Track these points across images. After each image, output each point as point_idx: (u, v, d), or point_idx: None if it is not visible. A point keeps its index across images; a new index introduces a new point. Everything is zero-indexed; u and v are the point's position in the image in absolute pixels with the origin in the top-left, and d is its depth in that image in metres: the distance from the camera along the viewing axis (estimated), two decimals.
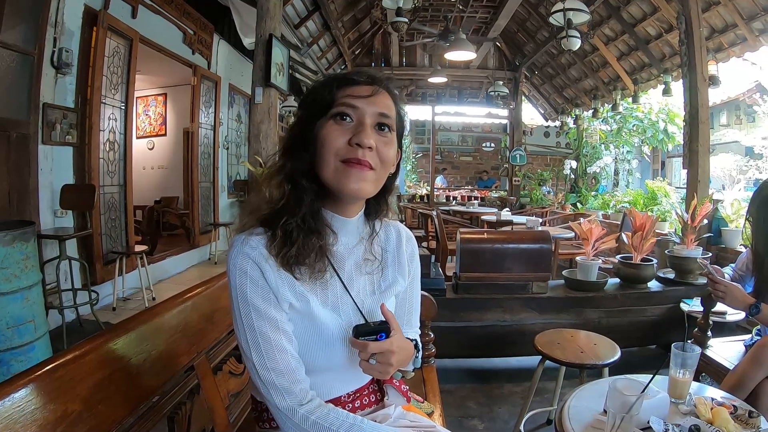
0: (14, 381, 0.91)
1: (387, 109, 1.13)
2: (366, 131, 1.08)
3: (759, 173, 9.92)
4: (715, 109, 11.10)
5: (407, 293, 1.35)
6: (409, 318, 1.37)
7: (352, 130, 1.08)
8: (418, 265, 1.38)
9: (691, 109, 4.99)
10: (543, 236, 3.64)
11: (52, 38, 4.33)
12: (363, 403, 1.25)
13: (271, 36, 4.42)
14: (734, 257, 3.51)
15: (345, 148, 1.07)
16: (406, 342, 1.19)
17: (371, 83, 1.13)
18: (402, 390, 1.32)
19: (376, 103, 1.11)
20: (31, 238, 3.14)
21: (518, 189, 11.64)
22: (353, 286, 1.19)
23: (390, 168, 1.16)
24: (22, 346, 3.01)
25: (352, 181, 1.08)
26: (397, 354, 1.09)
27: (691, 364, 1.67)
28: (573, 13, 5.19)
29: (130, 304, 5.20)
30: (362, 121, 1.09)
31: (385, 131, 1.12)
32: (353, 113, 1.09)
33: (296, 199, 1.11)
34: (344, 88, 1.11)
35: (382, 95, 1.13)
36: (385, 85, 1.16)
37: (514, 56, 11.26)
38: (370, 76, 1.16)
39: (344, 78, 1.14)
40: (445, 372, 3.28)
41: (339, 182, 1.08)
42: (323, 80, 1.17)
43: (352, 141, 1.07)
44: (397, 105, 1.18)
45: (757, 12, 5.48)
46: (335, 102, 1.10)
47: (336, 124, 1.09)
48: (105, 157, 5.26)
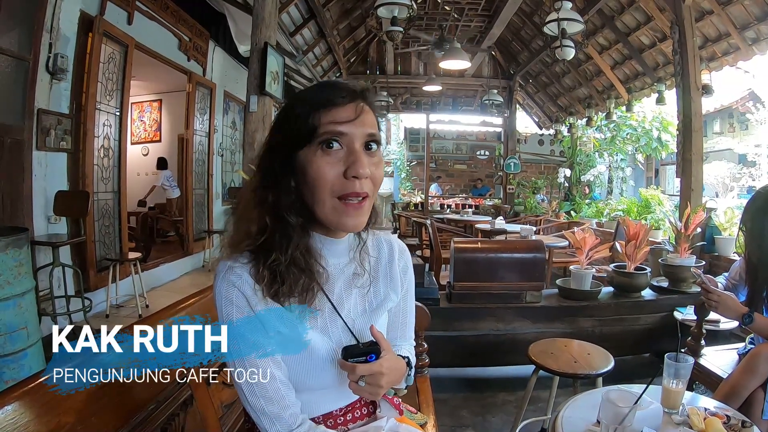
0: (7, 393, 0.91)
1: (373, 126, 1.07)
2: (360, 160, 1.01)
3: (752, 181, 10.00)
4: (708, 116, 11.18)
5: (400, 306, 1.32)
6: (403, 331, 1.35)
7: (343, 159, 1.02)
8: (412, 278, 1.35)
9: (685, 118, 5.02)
10: (537, 245, 3.65)
11: (48, 44, 4.31)
12: (355, 416, 1.24)
13: (266, 44, 4.43)
14: (727, 266, 3.52)
15: (340, 182, 1.02)
16: (397, 361, 1.17)
17: (351, 100, 1.05)
18: (394, 402, 1.30)
19: (363, 123, 1.05)
20: (25, 244, 3.12)
21: (512, 197, 11.66)
22: (343, 306, 1.16)
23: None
24: (15, 353, 2.98)
25: (351, 219, 1.04)
26: (387, 375, 1.07)
27: (684, 375, 1.67)
28: (567, 23, 5.22)
29: (123, 312, 5.16)
30: (353, 148, 1.03)
31: (374, 150, 1.07)
32: (341, 139, 1.03)
33: (282, 235, 1.06)
34: (326, 110, 1.03)
35: (367, 113, 1.06)
36: (366, 97, 1.09)
37: (509, 65, 11.30)
38: (350, 92, 1.07)
39: (323, 99, 1.05)
40: (439, 381, 3.28)
41: (337, 221, 1.05)
42: (299, 102, 1.09)
43: (348, 174, 1.01)
44: (376, 113, 1.11)
45: (750, 21, 5.52)
46: (319, 129, 1.02)
47: (325, 155, 1.02)
48: (99, 163, 5.24)
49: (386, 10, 5.13)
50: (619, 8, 7.28)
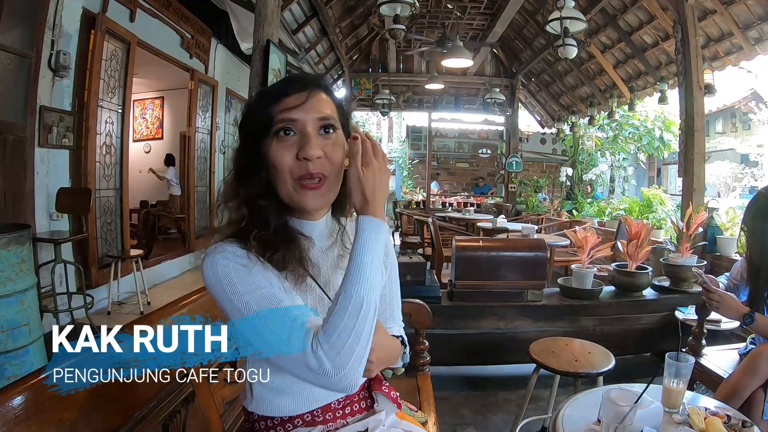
0: (10, 389, 0.91)
1: (326, 109, 1.12)
2: (310, 142, 1.08)
3: (754, 181, 9.98)
4: (710, 116, 11.15)
5: (386, 288, 1.34)
6: (392, 312, 1.36)
7: (297, 143, 1.09)
8: (394, 261, 1.38)
9: (687, 117, 5.01)
10: (538, 244, 3.66)
11: (50, 41, 4.32)
12: (353, 409, 1.25)
13: (268, 42, 4.42)
14: (729, 265, 3.51)
15: (295, 164, 1.08)
16: (389, 339, 1.22)
17: (303, 88, 1.12)
18: (391, 396, 1.31)
19: (313, 108, 1.10)
20: (27, 241, 3.12)
21: (514, 196, 11.65)
22: (330, 288, 1.19)
23: (344, 167, 1.13)
24: (17, 349, 2.99)
25: (310, 199, 1.10)
26: (376, 351, 1.08)
27: (684, 374, 1.67)
28: (570, 22, 5.21)
29: (125, 309, 5.18)
30: (305, 132, 1.09)
31: (330, 133, 1.12)
32: (294, 126, 1.09)
33: (260, 217, 1.12)
34: (278, 101, 1.10)
35: (316, 97, 1.12)
36: (319, 84, 1.15)
37: (511, 63, 11.29)
38: (300, 80, 1.15)
39: (276, 91, 1.13)
40: (440, 379, 3.27)
41: (298, 202, 1.11)
42: (256, 99, 1.18)
43: (299, 156, 1.08)
44: (335, 99, 1.18)
45: (753, 21, 5.51)
46: (273, 119, 1.09)
47: (280, 142, 1.09)
48: (101, 160, 5.25)
49: (389, 8, 5.12)
50: (622, 7, 7.26)
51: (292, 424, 1.19)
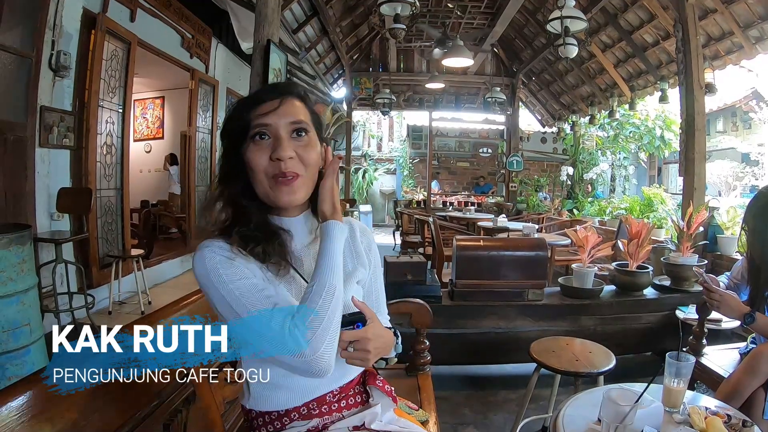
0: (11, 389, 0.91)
1: (298, 114, 1.21)
2: (282, 144, 1.17)
3: (755, 180, 9.98)
4: (711, 115, 11.14)
5: (371, 284, 1.41)
6: (378, 306, 1.42)
7: (271, 146, 1.18)
8: (377, 255, 1.44)
9: (687, 116, 5.01)
10: (539, 244, 3.66)
11: (51, 41, 4.31)
12: (349, 403, 1.29)
13: (269, 41, 4.42)
14: (730, 265, 3.51)
15: (269, 165, 1.17)
16: (384, 330, 1.25)
17: (276, 96, 1.21)
18: (386, 390, 1.35)
19: (286, 113, 1.19)
20: (28, 241, 3.13)
21: (515, 195, 11.64)
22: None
23: (318, 166, 1.24)
24: (18, 349, 2.99)
25: (284, 195, 1.18)
26: (373, 341, 1.16)
27: (685, 374, 1.67)
28: (570, 21, 5.21)
29: (125, 308, 5.17)
30: (278, 135, 1.18)
31: (302, 136, 1.20)
32: (268, 130, 1.18)
33: (242, 214, 1.21)
34: (254, 108, 1.20)
35: (289, 103, 1.21)
36: (291, 91, 1.25)
37: (512, 62, 11.29)
38: (274, 88, 1.28)
39: (252, 99, 1.24)
40: (441, 379, 3.28)
41: (273, 198, 1.19)
42: (234, 107, 1.26)
43: (273, 157, 1.16)
44: (308, 105, 1.27)
45: (753, 20, 5.51)
46: (250, 124, 1.18)
47: (256, 145, 1.18)
48: (102, 160, 5.25)
49: (389, 8, 5.13)
50: (623, 6, 7.27)
51: (288, 418, 1.23)
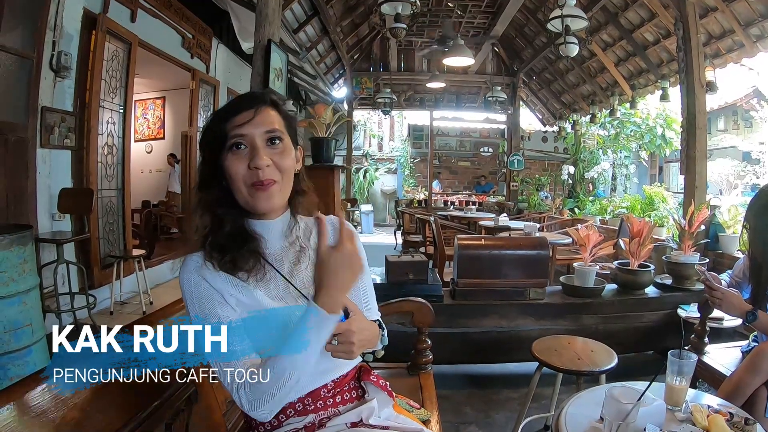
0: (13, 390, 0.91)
1: (272, 123, 1.24)
2: (258, 153, 1.19)
3: (756, 178, 9.95)
4: (712, 114, 11.11)
5: (359, 281, 1.39)
6: (366, 302, 1.43)
7: (248, 155, 1.20)
8: (363, 252, 1.40)
9: (689, 115, 5.01)
10: (540, 242, 3.65)
11: (51, 42, 4.32)
12: (344, 398, 1.31)
13: (269, 41, 4.41)
14: (731, 263, 3.51)
15: (247, 173, 1.20)
16: (367, 323, 1.28)
17: (250, 105, 1.23)
18: (381, 385, 1.36)
19: (261, 122, 1.22)
20: (29, 241, 3.13)
21: (516, 194, 11.62)
22: (295, 279, 1.28)
23: (293, 171, 1.28)
24: (20, 350, 2.99)
25: (262, 201, 1.22)
26: (357, 333, 1.18)
27: (687, 372, 1.67)
28: (571, 20, 5.19)
29: (127, 309, 5.18)
30: (254, 145, 1.21)
31: (277, 144, 1.24)
32: (244, 140, 1.21)
33: (218, 223, 1.24)
34: (230, 119, 1.22)
35: (263, 112, 1.24)
36: (265, 99, 1.27)
37: (512, 62, 11.28)
38: (248, 98, 1.28)
39: (227, 110, 1.25)
40: (443, 378, 3.27)
41: (252, 205, 1.23)
42: (211, 118, 1.28)
43: (251, 166, 1.19)
44: (282, 111, 1.29)
45: (754, 18, 5.50)
46: (227, 135, 1.21)
47: (234, 155, 1.21)
48: (103, 160, 5.26)
49: (390, 7, 5.13)
50: (623, 5, 7.26)
51: (284, 414, 1.24)
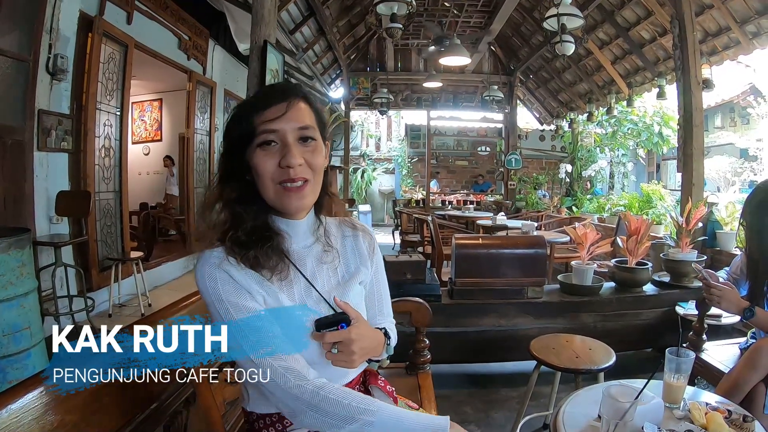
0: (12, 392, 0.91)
1: (305, 119, 1.18)
2: (291, 151, 1.14)
3: (754, 175, 9.97)
4: (709, 111, 11.12)
5: (374, 284, 1.39)
6: (381, 308, 1.41)
7: (279, 152, 1.15)
8: (380, 256, 1.42)
9: (685, 112, 5.01)
10: (538, 241, 3.65)
11: (47, 44, 4.31)
12: None
13: (265, 42, 4.41)
14: (729, 260, 3.50)
15: (277, 171, 1.15)
16: (371, 330, 1.25)
17: (283, 99, 1.17)
18: (387, 390, 1.35)
19: (293, 118, 1.16)
20: (27, 245, 3.12)
21: (514, 193, 11.64)
22: (317, 280, 1.24)
23: (323, 168, 1.23)
24: (18, 353, 2.98)
25: (293, 201, 1.17)
26: (358, 341, 1.15)
27: (685, 369, 1.67)
28: (567, 18, 5.21)
29: (126, 311, 5.17)
30: (286, 142, 1.15)
31: (309, 142, 1.18)
32: (275, 137, 1.15)
33: (239, 218, 1.18)
34: (260, 113, 1.16)
35: (296, 107, 1.18)
36: (297, 92, 1.21)
37: (509, 61, 11.29)
38: (280, 90, 1.21)
39: (257, 103, 1.19)
40: (441, 377, 3.27)
41: (281, 204, 1.18)
42: (239, 110, 1.22)
43: (282, 164, 1.14)
44: (314, 106, 1.24)
45: (750, 15, 5.52)
46: (256, 130, 1.15)
47: (263, 152, 1.15)
48: (100, 163, 5.25)
49: (386, 7, 5.14)
50: (619, 3, 7.27)
51: (288, 420, 1.21)
